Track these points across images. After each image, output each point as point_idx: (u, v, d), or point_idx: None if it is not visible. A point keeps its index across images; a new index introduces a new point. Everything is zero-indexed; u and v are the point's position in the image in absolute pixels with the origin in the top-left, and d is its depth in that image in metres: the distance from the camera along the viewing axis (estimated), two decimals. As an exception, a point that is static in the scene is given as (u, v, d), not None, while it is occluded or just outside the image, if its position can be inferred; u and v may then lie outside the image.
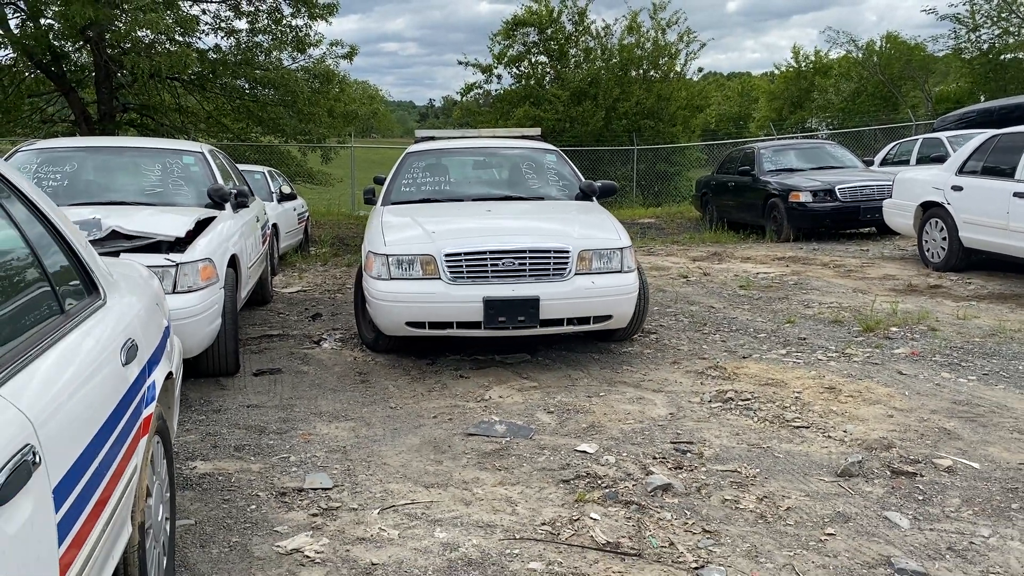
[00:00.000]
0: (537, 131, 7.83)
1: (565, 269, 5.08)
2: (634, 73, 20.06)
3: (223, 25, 18.58)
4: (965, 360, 5.35)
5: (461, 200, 6.27)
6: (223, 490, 3.56)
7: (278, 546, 3.04)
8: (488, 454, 3.98)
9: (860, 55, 38.70)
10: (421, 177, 6.57)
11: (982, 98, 26.16)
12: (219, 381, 5.22)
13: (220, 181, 6.32)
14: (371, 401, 4.85)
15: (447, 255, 5.03)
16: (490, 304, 4.90)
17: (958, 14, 29.59)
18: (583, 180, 6.66)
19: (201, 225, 5.33)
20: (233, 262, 5.48)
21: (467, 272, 5.01)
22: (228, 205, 6.02)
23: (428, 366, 5.56)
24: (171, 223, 4.99)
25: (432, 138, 7.42)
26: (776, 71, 47.31)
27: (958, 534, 3.07)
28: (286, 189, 11.73)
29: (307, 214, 13.29)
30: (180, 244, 4.92)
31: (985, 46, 30.51)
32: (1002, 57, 29.34)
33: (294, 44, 18.90)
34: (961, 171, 8.61)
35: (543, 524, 3.22)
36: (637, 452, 3.94)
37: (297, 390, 5.08)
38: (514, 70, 20.82)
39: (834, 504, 3.34)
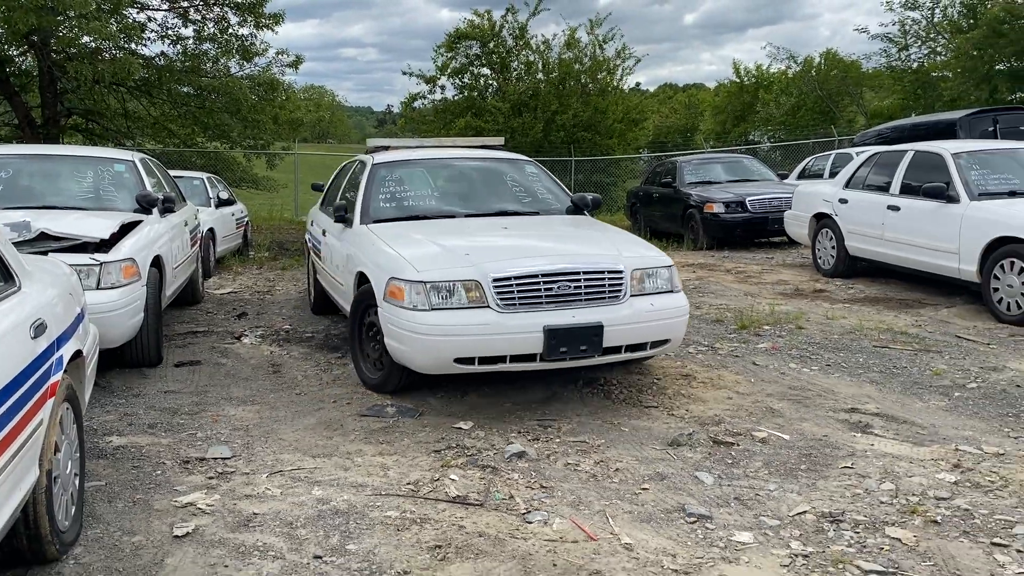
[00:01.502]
0: (500, 140, 7.40)
1: (621, 291, 4.66)
2: (573, 85, 20.80)
3: (170, 32, 18.91)
4: (815, 353, 6.05)
5: (454, 216, 5.75)
6: (134, 459, 4.07)
7: (175, 501, 3.56)
8: (375, 431, 4.54)
9: (799, 70, 40.08)
10: (399, 191, 6.04)
11: (913, 115, 27.41)
12: (142, 371, 5.69)
13: (149, 188, 6.79)
14: (279, 388, 5.37)
15: (496, 280, 4.47)
16: (552, 334, 4.38)
17: (889, 34, 30.92)
18: (568, 192, 6.44)
19: (127, 228, 5.80)
20: (157, 262, 5.96)
21: (519, 298, 4.47)
22: (155, 210, 6.49)
23: (338, 359, 6.10)
24: (96, 226, 5.47)
25: (386, 147, 6.98)
26: (718, 84, 48.71)
27: (749, 488, 3.71)
28: (224, 195, 12.15)
29: (246, 219, 13.70)
30: (106, 245, 5.40)
31: (915, 64, 31.90)
32: (931, 75, 30.67)
33: (240, 52, 19.29)
34: (847, 185, 9.40)
35: (408, 484, 3.79)
36: (506, 428, 4.52)
37: (213, 379, 5.58)
38: (457, 81, 21.48)
39: (656, 466, 3.95)
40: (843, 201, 9.29)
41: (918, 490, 3.66)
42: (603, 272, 4.65)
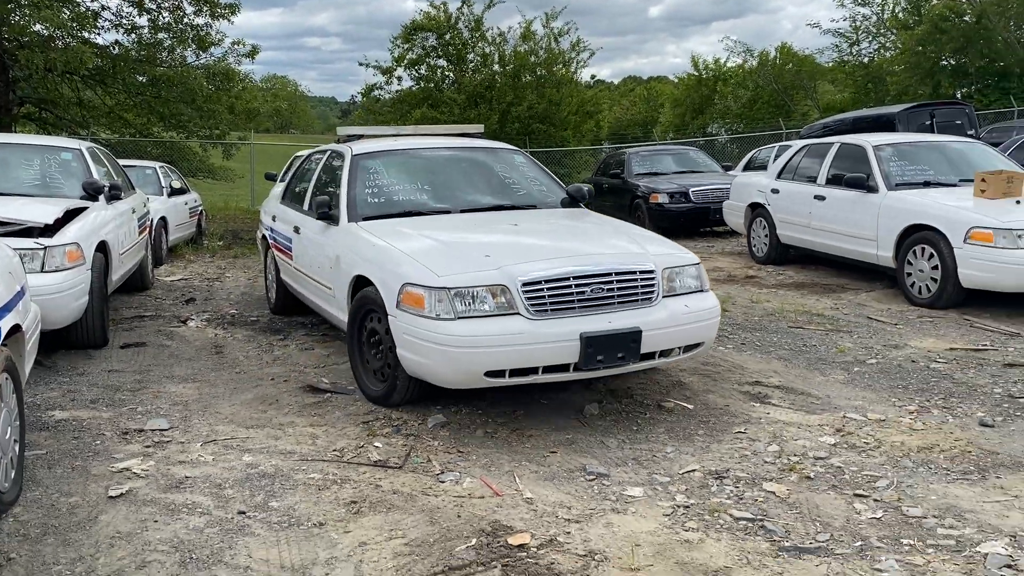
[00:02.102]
0: (480, 128, 6.94)
1: (653, 293, 4.36)
2: (528, 78, 21.11)
3: (124, 22, 18.84)
4: (734, 333, 6.42)
5: (448, 212, 5.38)
6: (74, 431, 4.29)
7: (112, 467, 3.80)
8: (308, 405, 4.80)
9: (756, 64, 40.77)
10: (386, 184, 5.60)
11: (865, 108, 28.12)
12: (87, 352, 5.89)
13: (96, 176, 6.95)
14: (220, 367, 5.61)
15: (526, 284, 4.11)
16: (590, 341, 4.04)
17: (840, 29, 31.64)
18: (561, 183, 6.13)
19: (73, 214, 5.98)
20: (103, 247, 6.15)
21: (551, 304, 4.12)
22: (102, 197, 6.67)
23: (279, 341, 6.34)
24: (41, 211, 5.65)
25: (359, 136, 6.46)
26: (675, 78, 49.32)
27: (648, 451, 4.04)
28: (177, 184, 12.26)
29: (200, 208, 13.80)
30: (51, 230, 5.58)
31: (866, 59, 32.69)
32: (881, 70, 31.43)
33: (196, 42, 19.29)
34: (779, 176, 9.81)
35: (334, 450, 4.07)
36: (433, 402, 4.79)
37: (157, 360, 5.79)
38: (414, 72, 21.69)
39: (567, 433, 4.27)
40: (775, 191, 9.70)
41: (800, 451, 4.02)
42: (635, 272, 4.33)
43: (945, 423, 4.41)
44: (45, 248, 5.32)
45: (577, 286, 4.19)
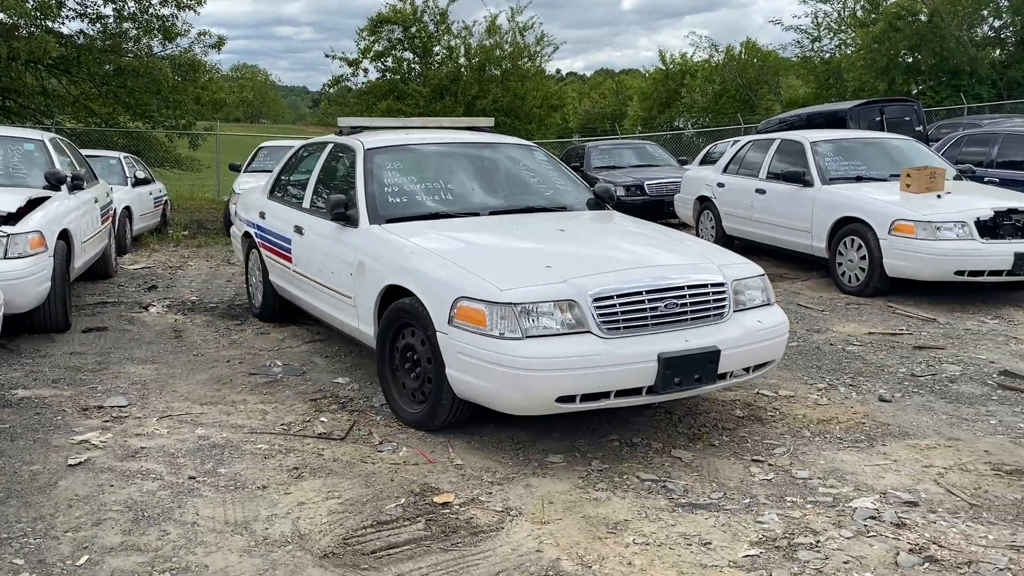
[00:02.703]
0: (490, 122, 6.55)
1: (724, 307, 4.08)
2: (495, 72, 21.41)
3: (89, 11, 18.85)
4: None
5: (477, 214, 5.00)
6: (37, 407, 4.56)
7: (71, 439, 4.08)
8: (261, 385, 5.10)
9: (721, 59, 41.37)
10: (406, 183, 5.17)
11: (821, 104, 28.75)
12: (50, 336, 6.12)
13: (58, 166, 7.16)
14: (179, 350, 5.88)
15: (597, 299, 3.78)
16: (669, 363, 3.72)
17: (801, 26, 32.24)
18: (584, 183, 5.78)
19: (35, 203, 6.21)
20: (65, 235, 6.38)
21: (623, 321, 3.79)
22: (64, 187, 6.89)
23: (236, 326, 6.62)
24: (4, 200, 5.87)
25: (363, 128, 5.99)
26: (646, 71, 49.82)
27: (572, 424, 4.39)
28: (141, 174, 12.41)
29: (165, 198, 13.95)
30: (13, 218, 5.81)
31: (827, 55, 33.33)
32: (841, 66, 32.07)
33: (162, 32, 19.34)
34: (725, 170, 10.22)
35: (282, 424, 4.38)
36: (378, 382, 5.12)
37: (118, 343, 6.05)
38: (380, 65, 21.90)
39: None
40: (721, 185, 10.11)
41: (710, 423, 4.40)
42: (707, 285, 4.04)
43: (848, 399, 4.81)
44: (8, 236, 5.55)
45: (650, 301, 3.85)
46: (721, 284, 4.10)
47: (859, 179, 8.44)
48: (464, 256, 4.19)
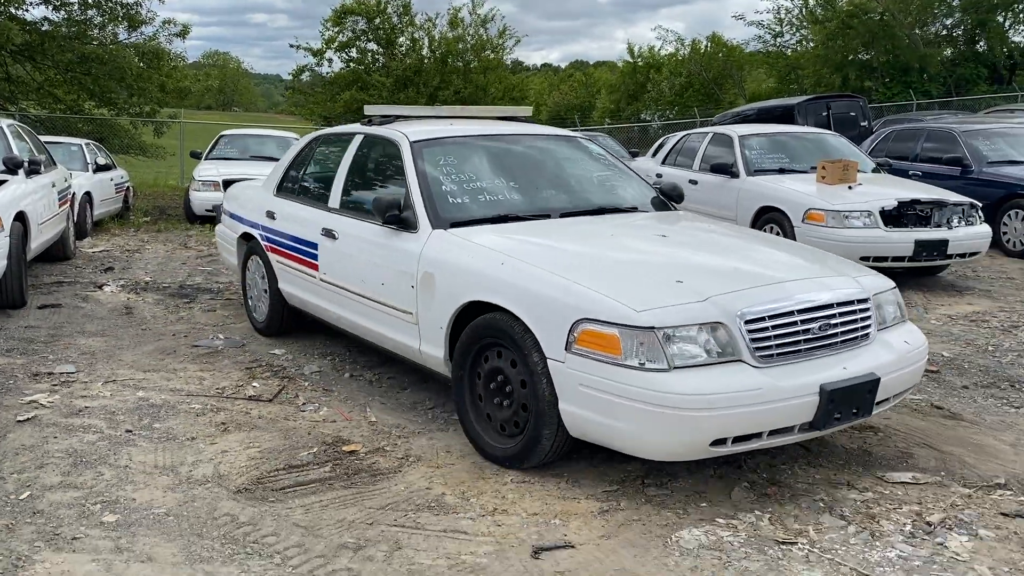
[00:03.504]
0: (528, 111, 5.96)
1: (870, 327, 3.64)
2: (458, 63, 21.81)
3: (53, -2, 19.01)
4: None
5: (548, 216, 4.49)
6: (-10, 374, 4.95)
7: (21, 400, 4.48)
8: (202, 355, 5.51)
9: (688, 53, 42.02)
10: (462, 181, 4.60)
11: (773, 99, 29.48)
12: (6, 312, 6.48)
13: (16, 152, 7.50)
14: (128, 325, 6.27)
15: (749, 320, 3.27)
16: (832, 396, 3.24)
17: (762, 21, 32.92)
18: (644, 179, 5.31)
19: (-8, 187, 6.55)
20: (21, 217, 6.73)
21: (776, 346, 3.30)
22: (21, 171, 7.23)
23: (185, 304, 7.01)
24: (-39, 183, 6.21)
25: (395, 117, 5.36)
26: (621, 63, 50.43)
27: (482, 389, 4.84)
28: (102, 161, 12.70)
29: (127, 184, 14.21)
30: (-30, 201, 6.15)
31: (788, 51, 34.06)
32: (800, 61, 32.82)
33: (127, 20, 19.54)
34: (664, 162, 10.73)
35: (217, 388, 4.80)
36: (312, 353, 5.55)
37: (71, 319, 6.43)
38: (344, 55, 22.21)
39: (419, 375, 5.06)
40: (659, 176, 10.60)
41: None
42: (854, 302, 3.58)
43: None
44: (-35, 216, 5.90)
45: (803, 323, 3.37)
46: (866, 300, 3.64)
47: (782, 171, 8.97)
48: (572, 268, 3.59)
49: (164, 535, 3.05)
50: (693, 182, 9.72)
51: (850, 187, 8.17)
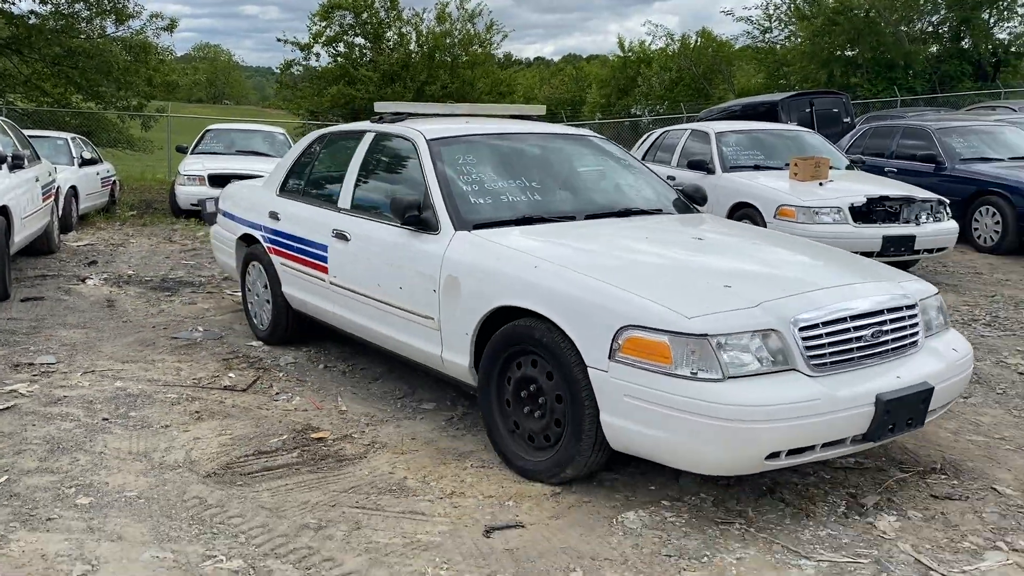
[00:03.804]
0: (541, 110, 5.86)
1: (918, 334, 3.55)
2: (446, 58, 21.92)
3: (40, -9, 19.02)
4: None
5: (574, 218, 4.35)
6: (-28, 364, 5.08)
7: (2, 389, 4.62)
8: (181, 347, 5.65)
9: (678, 48, 42.19)
10: (484, 181, 4.45)
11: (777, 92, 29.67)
12: (-10, 305, 6.62)
13: None
14: (110, 318, 6.40)
15: (804, 328, 3.17)
16: (888, 406, 3.15)
17: (751, 17, 33.08)
18: (664, 180, 5.20)
19: (-25, 181, 6.66)
20: (5, 211, 6.85)
21: (830, 355, 3.21)
22: (4, 166, 7.34)
23: (166, 297, 7.14)
24: (-55, 178, 6.33)
25: (406, 115, 5.19)
26: (613, 58, 50.57)
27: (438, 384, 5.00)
28: (87, 155, 12.78)
29: (113, 178, 14.30)
30: (-46, 195, 6.27)
31: (778, 47, 34.22)
32: (787, 57, 32.98)
33: (115, 14, 19.58)
34: (643, 158, 10.87)
35: (193, 378, 4.95)
36: (289, 345, 5.68)
37: (53, 311, 6.55)
38: (331, 50, 22.32)
39: (391, 366, 5.21)
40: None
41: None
42: (902, 308, 3.49)
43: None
44: (-52, 210, 6.02)
45: (855, 329, 3.28)
46: (914, 306, 3.56)
47: (757, 168, 9.14)
48: (611, 272, 3.47)
49: (135, 516, 3.20)
50: (671, 178, 9.86)
51: (821, 184, 8.34)
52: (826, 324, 3.21)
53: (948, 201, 8.33)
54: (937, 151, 10.53)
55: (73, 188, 11.42)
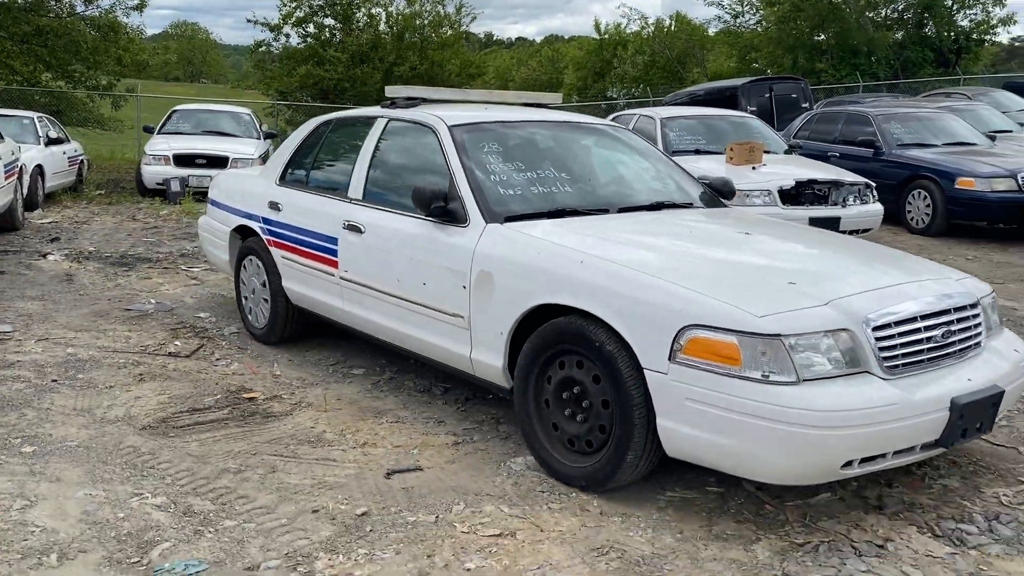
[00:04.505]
0: (558, 98, 5.62)
1: (981, 334, 3.41)
2: (411, 38, 22.15)
3: (7, -30, 19.04)
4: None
5: (607, 210, 4.13)
6: (-68, 333, 5.40)
7: (-42, 354, 4.96)
8: (133, 318, 5.99)
9: (652, 31, 42.51)
10: (511, 171, 4.20)
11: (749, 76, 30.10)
12: (-48, 278, 6.91)
13: (-38, 126, 7.87)
14: (68, 291, 6.72)
15: (877, 327, 3.03)
16: (962, 410, 3.03)
17: (722, 2, 33.43)
18: (688, 172, 4.98)
19: (-63, 159, 6.91)
20: (-35, 189, 7.14)
21: (902, 355, 3.08)
22: (-34, 145, 7.62)
23: (124, 272, 7.47)
24: (-94, 156, 6.58)
25: (418, 100, 4.93)
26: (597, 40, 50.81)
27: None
28: (53, 134, 13.00)
29: (81, 157, 14.49)
30: (-84, 173, 6.53)
31: (748, 32, 34.62)
32: (753, 42, 33.36)
33: (83, -9, 19.65)
34: (595, 141, 11.25)
35: (141, 346, 5.30)
36: (236, 316, 6.04)
37: (13, 284, 6.86)
38: (301, 31, 22.50)
39: (322, 339, 5.57)
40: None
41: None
42: (966, 307, 3.35)
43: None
44: (-90, 187, 6.31)
45: (926, 329, 3.15)
46: (976, 305, 3.41)
47: (698, 152, 9.55)
48: (665, 269, 3.28)
49: (73, 462, 3.56)
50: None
51: (754, 168, 8.76)
52: (898, 324, 3.07)
53: (875, 185, 8.78)
54: (876, 137, 10.97)
55: (39, 167, 11.65)
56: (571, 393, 3.37)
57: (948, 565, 2.86)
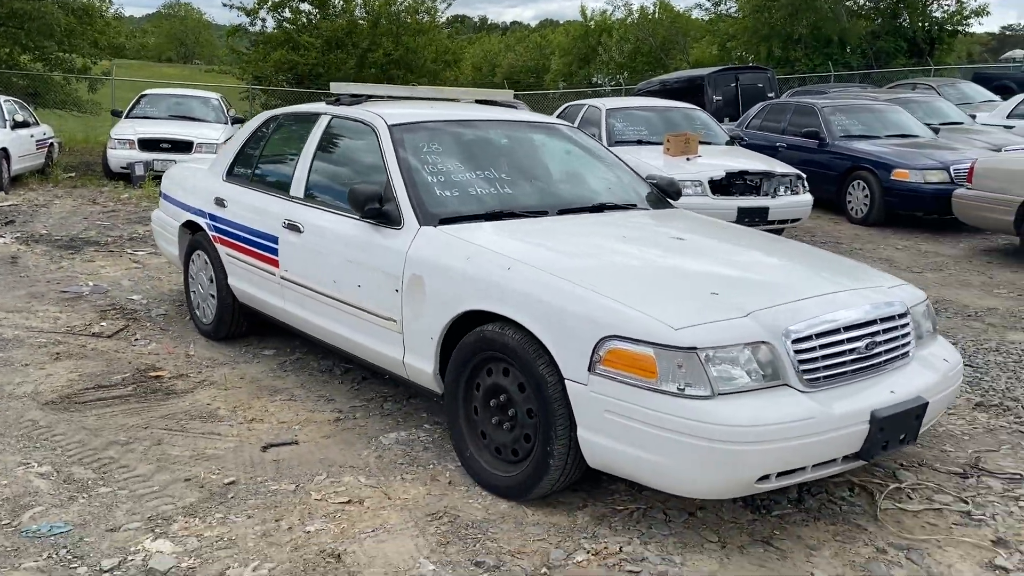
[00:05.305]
0: (509, 95, 5.54)
1: (909, 344, 3.37)
2: (386, 24, 22.27)
3: (-19, -48, 19.11)
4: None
5: (546, 213, 4.09)
6: None
7: None
8: (68, 300, 6.25)
9: (637, 18, 42.67)
10: (450, 172, 4.16)
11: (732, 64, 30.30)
12: (-101, 260, 7.15)
13: (-86, 111, 8.08)
14: (9, 273, 6.97)
15: (797, 340, 2.99)
16: (882, 423, 3.00)
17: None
18: (636, 172, 4.92)
19: None
20: (-86, 174, 7.36)
21: (823, 368, 3.04)
22: (-82, 130, 7.83)
23: (69, 255, 7.72)
24: None
25: (363, 96, 4.89)
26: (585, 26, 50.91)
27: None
28: (20, 117, 13.17)
29: (50, 140, 14.66)
30: None
31: (727, 19, 34.81)
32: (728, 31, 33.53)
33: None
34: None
35: (67, 326, 5.56)
36: (165, 299, 6.30)
37: (-42, 266, 7.12)
38: (277, 15, 22.61)
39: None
40: (543, 143, 11.40)
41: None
42: (894, 317, 3.30)
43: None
44: None
45: (848, 341, 3.10)
46: (905, 315, 3.36)
47: (640, 143, 9.81)
48: (590, 276, 3.22)
49: (-26, 434, 3.84)
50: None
51: (689, 159, 9.03)
52: (819, 336, 3.03)
53: (805, 176, 9.05)
54: (821, 128, 11.24)
55: (4, 150, 11.86)
56: (498, 401, 3.34)
57: (746, 529, 3.16)
